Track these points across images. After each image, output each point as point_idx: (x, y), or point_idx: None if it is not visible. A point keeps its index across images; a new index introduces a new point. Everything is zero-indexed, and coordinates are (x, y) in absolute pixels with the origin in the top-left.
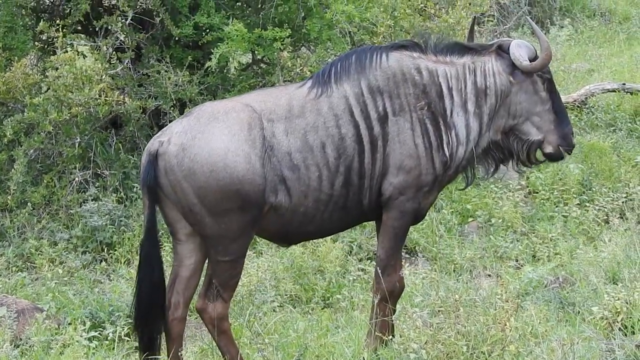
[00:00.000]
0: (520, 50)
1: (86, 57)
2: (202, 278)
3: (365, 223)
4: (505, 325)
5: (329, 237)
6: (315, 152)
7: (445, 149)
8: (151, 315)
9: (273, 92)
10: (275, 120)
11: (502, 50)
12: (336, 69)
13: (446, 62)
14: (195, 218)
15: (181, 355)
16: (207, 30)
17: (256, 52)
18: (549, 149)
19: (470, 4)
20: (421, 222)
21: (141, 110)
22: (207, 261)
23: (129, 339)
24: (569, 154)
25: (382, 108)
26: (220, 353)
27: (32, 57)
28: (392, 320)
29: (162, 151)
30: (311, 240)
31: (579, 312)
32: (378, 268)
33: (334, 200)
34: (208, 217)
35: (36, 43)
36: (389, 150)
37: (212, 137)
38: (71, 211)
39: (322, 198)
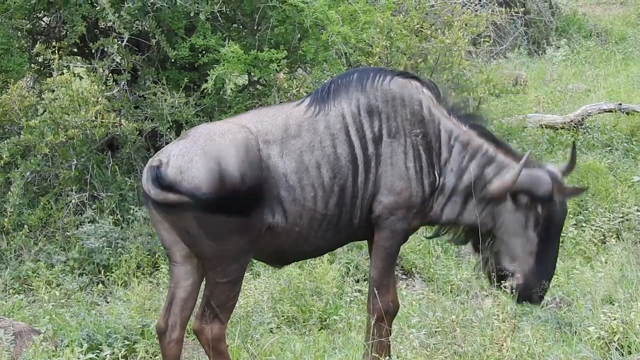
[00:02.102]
0: (527, 178)
1: (82, 79)
2: (199, 300)
3: (361, 244)
4: (502, 345)
5: (326, 259)
6: (311, 172)
7: (436, 174)
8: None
9: (270, 111)
10: (272, 141)
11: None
12: (336, 85)
13: (458, 125)
14: (192, 240)
15: None
16: (203, 52)
17: (252, 73)
18: (515, 283)
19: (466, 25)
20: (418, 243)
21: (137, 132)
22: (204, 282)
23: None
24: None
25: (378, 129)
26: None
27: (28, 79)
28: (389, 341)
29: (161, 172)
30: (307, 261)
31: (575, 332)
32: (372, 288)
33: (327, 220)
34: (206, 240)
35: (32, 65)
36: (381, 171)
37: (210, 160)
38: (68, 233)
39: (317, 217)
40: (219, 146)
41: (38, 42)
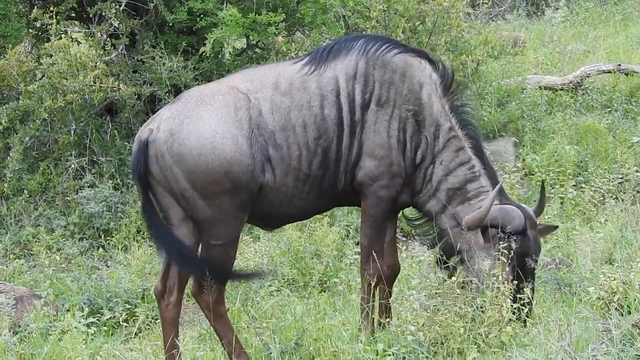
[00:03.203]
0: (499, 213)
1: (80, 43)
2: None
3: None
4: (502, 307)
5: (326, 221)
6: (297, 130)
7: (424, 155)
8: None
9: (261, 70)
10: (261, 99)
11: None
12: (338, 47)
13: (455, 127)
14: (187, 203)
15: (177, 341)
16: (201, 16)
17: (251, 37)
18: None
19: None
20: None
21: (136, 96)
22: (201, 245)
23: (127, 324)
24: None
25: (369, 96)
26: (217, 338)
27: (26, 44)
28: (389, 303)
29: (152, 139)
30: (307, 224)
31: (575, 292)
32: (363, 254)
33: (310, 181)
34: (199, 201)
35: (30, 30)
36: (364, 138)
37: (200, 121)
38: (67, 198)
39: (301, 177)
40: (208, 108)
41: (35, 7)
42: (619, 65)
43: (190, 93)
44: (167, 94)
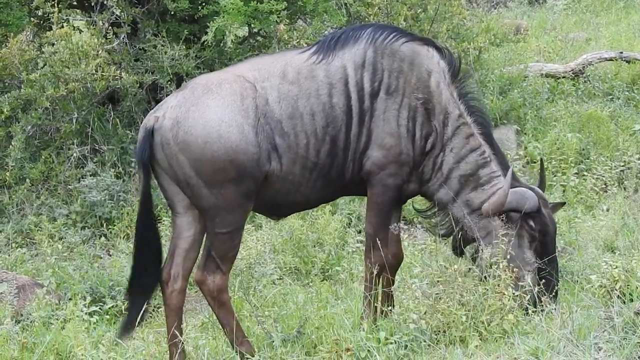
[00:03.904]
0: (514, 196)
1: (82, 32)
2: (201, 251)
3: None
4: (504, 294)
5: (328, 210)
6: (305, 119)
7: (433, 143)
8: (146, 288)
9: (268, 59)
10: (268, 87)
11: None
12: (346, 36)
13: (464, 114)
14: (192, 190)
15: (178, 329)
16: (203, 4)
17: (252, 25)
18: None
19: None
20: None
21: (138, 84)
22: (205, 233)
23: None
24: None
25: (377, 85)
26: (219, 326)
27: (28, 33)
28: (392, 291)
29: (157, 126)
30: (309, 213)
31: (577, 280)
32: (368, 243)
33: (318, 169)
34: (204, 189)
35: (32, 19)
36: (373, 127)
37: (206, 109)
38: (70, 187)
39: (308, 166)
40: (215, 96)
41: None
42: (621, 52)
43: (197, 81)
44: (169, 83)
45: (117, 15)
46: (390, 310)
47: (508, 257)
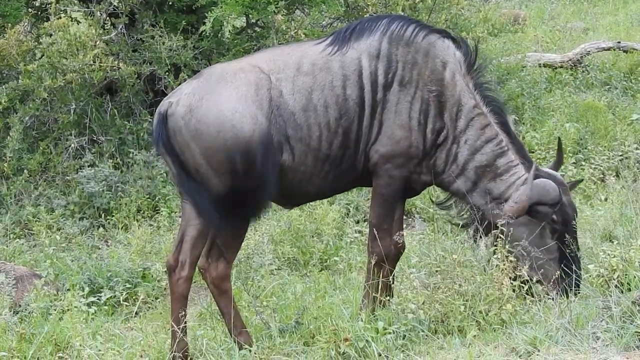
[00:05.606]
0: (535, 190)
1: (80, 23)
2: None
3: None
4: (502, 284)
5: (326, 200)
6: (319, 111)
7: (444, 135)
8: None
9: (284, 50)
10: (283, 79)
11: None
12: (361, 27)
13: (479, 104)
14: (201, 178)
15: (182, 317)
16: None
17: (250, 15)
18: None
19: None
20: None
21: (136, 75)
22: None
23: (127, 303)
24: None
25: (391, 76)
26: (218, 316)
27: (26, 23)
28: (390, 282)
29: (170, 112)
30: (309, 203)
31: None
32: (371, 233)
33: (330, 161)
34: (214, 178)
35: (29, 10)
36: (385, 119)
37: (220, 99)
38: (68, 177)
39: (320, 157)
40: (229, 85)
41: None
42: (619, 42)
43: (212, 70)
44: (167, 73)
45: (114, 5)
46: (389, 300)
47: (529, 247)
